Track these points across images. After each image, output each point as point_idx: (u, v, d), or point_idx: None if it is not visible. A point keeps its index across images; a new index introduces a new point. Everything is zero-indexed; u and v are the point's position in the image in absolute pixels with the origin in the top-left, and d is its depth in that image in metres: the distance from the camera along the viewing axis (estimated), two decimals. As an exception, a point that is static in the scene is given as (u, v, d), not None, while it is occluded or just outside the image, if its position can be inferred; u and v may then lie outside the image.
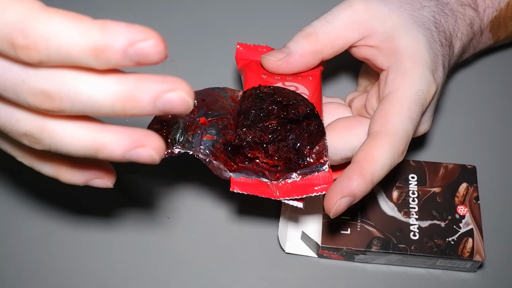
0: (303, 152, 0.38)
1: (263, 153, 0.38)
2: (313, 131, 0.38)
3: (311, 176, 0.38)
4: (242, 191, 0.37)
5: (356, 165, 0.35)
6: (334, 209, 0.35)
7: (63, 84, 0.26)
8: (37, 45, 0.25)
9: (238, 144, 0.38)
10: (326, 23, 0.40)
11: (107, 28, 0.26)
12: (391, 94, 0.37)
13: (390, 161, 0.36)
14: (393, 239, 0.41)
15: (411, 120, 0.36)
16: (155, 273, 0.43)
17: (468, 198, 0.43)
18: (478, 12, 0.44)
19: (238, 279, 0.43)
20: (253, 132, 0.38)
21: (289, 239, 0.44)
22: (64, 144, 0.28)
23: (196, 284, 0.43)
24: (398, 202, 0.43)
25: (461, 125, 0.50)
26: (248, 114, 0.39)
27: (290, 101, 0.39)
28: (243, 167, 0.38)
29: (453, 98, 0.51)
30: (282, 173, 0.38)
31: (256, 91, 0.40)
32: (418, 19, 0.40)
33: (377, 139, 0.36)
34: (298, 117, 0.38)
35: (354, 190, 0.35)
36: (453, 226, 0.42)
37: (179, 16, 0.57)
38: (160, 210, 0.46)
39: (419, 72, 0.37)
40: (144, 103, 0.27)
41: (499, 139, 0.49)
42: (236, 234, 0.45)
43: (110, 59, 0.26)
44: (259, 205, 0.46)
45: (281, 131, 0.38)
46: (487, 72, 0.52)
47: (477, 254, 0.41)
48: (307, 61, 0.40)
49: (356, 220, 0.42)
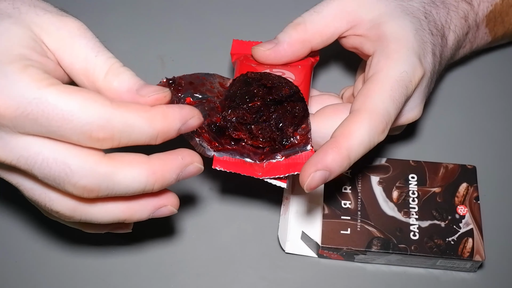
0: (287, 132, 0.38)
1: (248, 134, 0.39)
2: (297, 114, 0.39)
3: (294, 156, 0.38)
4: (225, 168, 0.37)
5: (333, 140, 0.35)
6: (308, 182, 0.34)
7: (104, 179, 0.30)
8: (113, 136, 0.30)
9: (223, 125, 0.39)
10: (315, 13, 0.41)
11: (167, 114, 0.31)
12: (374, 75, 0.37)
13: (368, 138, 0.35)
14: (393, 239, 0.41)
15: (392, 99, 0.36)
16: (155, 273, 0.43)
17: (468, 198, 0.43)
18: (472, 6, 0.44)
19: (238, 279, 0.43)
20: (237, 113, 0.38)
21: (289, 239, 0.44)
22: (95, 219, 0.33)
23: (196, 284, 0.43)
24: (398, 202, 0.43)
25: (461, 125, 0.50)
26: (234, 97, 0.39)
27: (274, 83, 0.39)
28: (228, 148, 0.39)
29: (453, 98, 0.51)
30: (266, 155, 0.38)
31: (243, 77, 0.40)
32: (406, 8, 0.40)
33: (355, 116, 0.36)
34: (281, 98, 0.39)
35: (329, 164, 0.34)
36: (453, 226, 0.42)
37: (179, 15, 0.57)
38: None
39: (404, 55, 0.37)
40: (170, 181, 0.33)
41: (499, 139, 0.49)
42: (236, 234, 0.45)
43: (167, 137, 0.32)
44: (259, 205, 0.46)
45: (265, 112, 0.38)
46: (486, 72, 0.52)
47: (477, 254, 0.41)
48: (296, 50, 0.41)
49: (356, 220, 0.42)
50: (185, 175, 0.33)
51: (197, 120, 0.33)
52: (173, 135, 0.32)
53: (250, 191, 0.47)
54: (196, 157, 0.34)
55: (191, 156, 0.33)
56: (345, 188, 0.44)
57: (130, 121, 0.30)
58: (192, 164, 0.33)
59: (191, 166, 0.33)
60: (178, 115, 0.32)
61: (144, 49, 0.55)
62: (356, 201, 0.43)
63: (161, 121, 0.31)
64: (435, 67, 0.40)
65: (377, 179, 0.44)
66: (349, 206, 0.43)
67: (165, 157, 0.32)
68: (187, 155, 0.33)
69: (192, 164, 0.33)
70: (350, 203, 0.43)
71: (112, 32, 0.56)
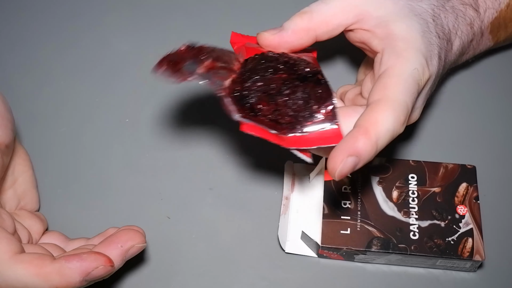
0: (312, 108, 0.37)
1: (273, 104, 0.38)
2: (320, 87, 0.38)
3: (320, 131, 0.37)
4: (253, 132, 0.36)
5: (360, 127, 0.35)
6: (340, 169, 0.34)
7: None
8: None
9: (245, 94, 0.38)
10: (322, 3, 0.40)
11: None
12: (387, 70, 0.37)
13: (393, 127, 0.35)
14: (393, 239, 0.42)
15: (409, 92, 0.36)
16: (155, 273, 0.43)
17: (468, 198, 0.43)
18: (479, 13, 0.44)
19: (238, 279, 0.43)
20: (262, 84, 0.38)
21: (289, 239, 0.44)
22: None
23: (196, 284, 0.43)
24: (398, 202, 0.43)
25: (461, 125, 0.50)
26: (256, 70, 0.38)
27: (296, 61, 0.39)
28: (252, 117, 0.38)
29: (453, 97, 0.51)
30: (288, 129, 0.37)
31: (260, 56, 0.40)
32: (414, 9, 0.40)
33: (379, 105, 0.35)
34: (307, 74, 0.38)
35: (360, 149, 0.34)
36: (453, 226, 0.42)
37: (179, 15, 0.57)
38: (160, 210, 0.46)
39: (413, 54, 0.37)
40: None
41: (499, 139, 0.49)
42: (236, 234, 0.45)
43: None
44: (259, 205, 0.46)
45: (290, 85, 0.38)
46: (486, 72, 0.52)
47: (477, 254, 0.41)
48: (300, 38, 0.41)
49: (356, 220, 0.42)
50: (92, 277, 0.35)
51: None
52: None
53: (250, 191, 0.47)
54: (138, 238, 0.38)
55: (96, 259, 0.35)
56: (345, 188, 0.44)
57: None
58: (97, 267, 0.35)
59: (96, 270, 0.35)
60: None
61: (144, 49, 0.55)
62: (356, 201, 0.43)
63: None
64: (439, 70, 0.40)
65: (377, 179, 0.44)
66: (349, 206, 0.43)
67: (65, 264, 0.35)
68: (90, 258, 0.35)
69: (98, 267, 0.35)
70: (350, 203, 0.43)
71: (112, 32, 0.56)
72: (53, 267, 0.34)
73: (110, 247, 0.36)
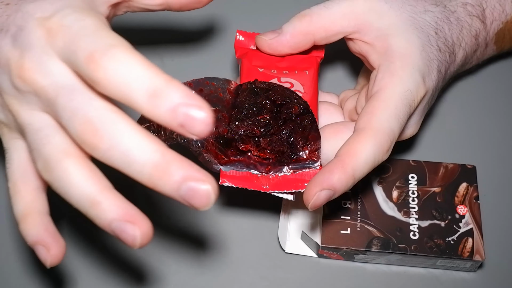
0: (296, 146, 0.38)
1: (255, 146, 0.38)
2: (306, 126, 0.38)
3: (302, 172, 0.38)
4: (232, 183, 0.37)
5: (338, 159, 0.35)
6: (313, 201, 0.34)
7: (112, 126, 0.28)
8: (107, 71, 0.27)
9: (230, 137, 0.38)
10: (324, 8, 0.40)
11: (171, 82, 0.27)
12: (378, 92, 0.37)
13: (373, 157, 0.35)
14: (393, 239, 0.42)
15: (397, 118, 0.36)
16: (155, 273, 0.43)
17: (468, 198, 0.43)
18: (485, 25, 0.43)
19: (238, 279, 0.43)
20: (246, 126, 0.38)
21: (289, 239, 0.44)
22: (66, 185, 0.29)
23: (196, 284, 0.43)
24: (398, 202, 0.43)
25: (461, 125, 0.50)
26: (242, 108, 0.39)
27: (283, 99, 0.39)
28: (234, 160, 0.38)
29: (453, 98, 0.51)
30: (273, 166, 0.38)
31: (251, 86, 0.40)
32: (417, 21, 0.39)
33: (361, 134, 0.36)
34: (291, 117, 0.38)
35: (334, 183, 0.34)
36: (453, 226, 0.42)
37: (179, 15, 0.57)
38: (160, 210, 0.46)
39: (409, 73, 0.37)
40: (171, 181, 0.27)
41: (499, 139, 0.49)
42: (236, 234, 0.45)
43: (160, 106, 0.27)
44: (260, 205, 0.46)
45: (274, 125, 0.38)
46: (487, 73, 0.52)
47: (477, 254, 0.41)
48: (298, 41, 0.40)
49: (356, 220, 0.42)
50: (188, 192, 0.28)
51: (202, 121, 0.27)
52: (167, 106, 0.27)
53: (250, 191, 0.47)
54: (213, 183, 0.28)
55: (208, 177, 0.28)
56: (345, 188, 0.44)
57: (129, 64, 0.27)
58: (204, 182, 0.28)
59: (201, 184, 0.28)
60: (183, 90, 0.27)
61: (144, 49, 0.55)
62: (356, 201, 0.43)
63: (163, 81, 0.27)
64: (438, 84, 0.40)
65: (377, 179, 0.44)
66: (349, 206, 0.43)
67: (180, 156, 0.28)
68: (205, 174, 0.28)
69: (204, 183, 0.28)
70: (350, 203, 0.43)
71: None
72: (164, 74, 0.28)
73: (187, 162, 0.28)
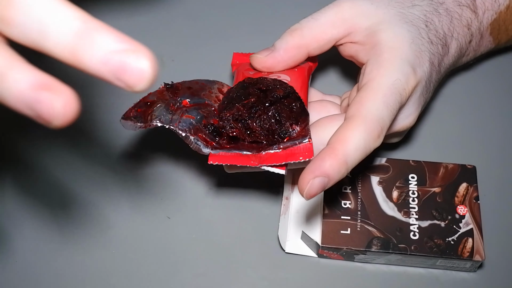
0: (285, 124, 0.38)
1: (244, 129, 0.39)
2: (295, 109, 0.39)
3: (292, 147, 0.38)
4: (220, 162, 0.37)
5: (329, 147, 0.35)
6: (307, 189, 0.35)
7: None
8: None
9: (220, 125, 0.39)
10: (312, 20, 0.41)
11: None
12: (367, 84, 0.38)
13: (363, 144, 0.35)
14: (393, 239, 0.42)
15: (386, 106, 0.36)
16: (155, 273, 0.43)
17: (468, 198, 0.43)
18: (477, 14, 0.44)
19: (238, 279, 0.43)
20: (233, 110, 0.39)
21: (289, 239, 0.44)
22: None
23: (196, 284, 0.43)
24: (398, 202, 0.43)
25: (461, 125, 0.50)
26: (231, 99, 0.40)
27: (269, 86, 0.40)
28: (227, 147, 0.39)
29: (453, 98, 0.51)
30: (264, 148, 0.39)
31: (241, 83, 0.41)
32: (405, 16, 0.40)
33: (350, 122, 0.36)
34: (276, 99, 0.39)
35: (326, 170, 0.34)
36: (453, 226, 0.42)
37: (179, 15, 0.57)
38: (160, 210, 0.46)
39: (397, 64, 0.38)
40: (98, 51, 0.24)
41: (499, 139, 0.49)
42: (236, 234, 0.45)
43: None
44: (260, 204, 0.46)
45: (260, 107, 0.39)
46: (486, 72, 0.52)
47: (477, 254, 0.41)
48: (292, 56, 0.41)
49: (356, 220, 0.42)
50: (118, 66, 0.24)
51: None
52: None
53: (250, 191, 0.47)
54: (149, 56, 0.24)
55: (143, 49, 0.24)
56: (345, 188, 0.44)
57: None
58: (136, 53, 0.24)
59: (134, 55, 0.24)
60: None
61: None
62: (356, 201, 0.43)
63: None
64: (431, 76, 0.40)
65: (377, 179, 0.44)
66: (349, 206, 0.43)
67: None
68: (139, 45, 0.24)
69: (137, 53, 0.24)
70: (350, 203, 0.43)
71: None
72: None
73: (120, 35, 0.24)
